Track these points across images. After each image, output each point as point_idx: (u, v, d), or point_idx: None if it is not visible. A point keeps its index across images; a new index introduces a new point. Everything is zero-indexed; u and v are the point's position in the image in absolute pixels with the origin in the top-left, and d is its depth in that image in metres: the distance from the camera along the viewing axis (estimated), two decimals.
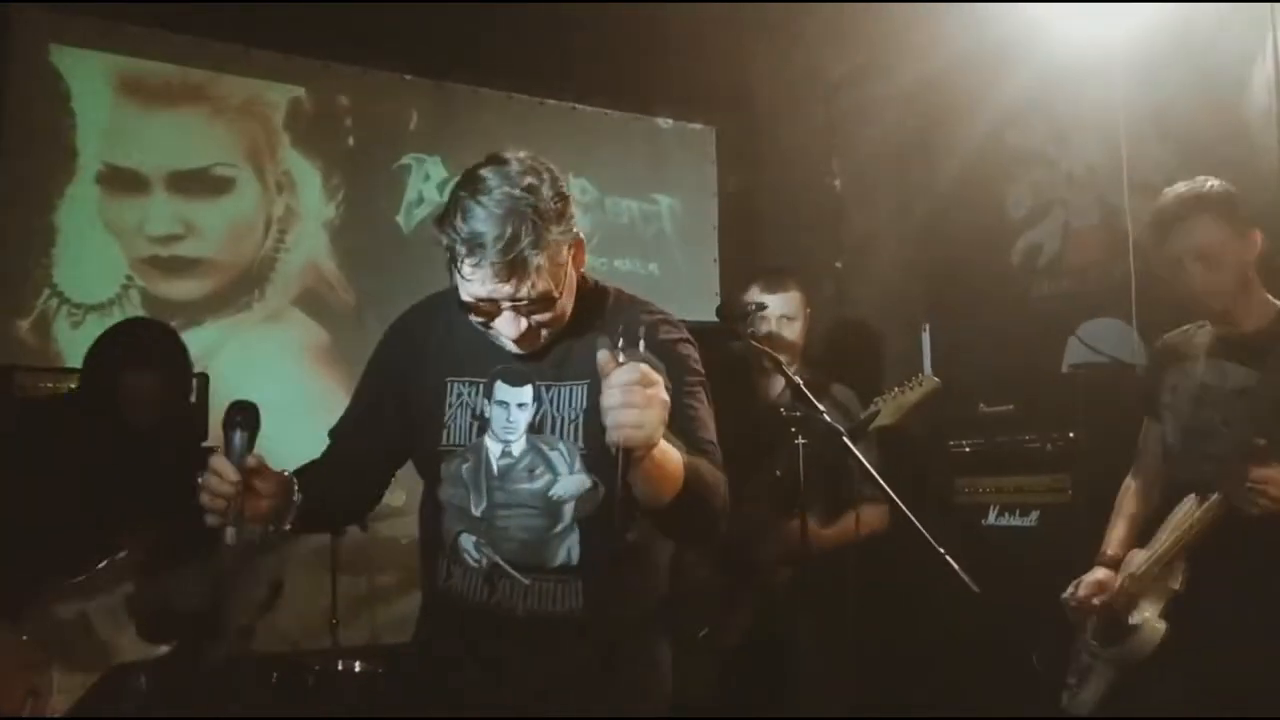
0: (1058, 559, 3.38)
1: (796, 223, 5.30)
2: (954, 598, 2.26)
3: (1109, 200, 4.01)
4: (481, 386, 1.98)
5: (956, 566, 2.20)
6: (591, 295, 2.00)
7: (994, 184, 4.45)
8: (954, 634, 3.53)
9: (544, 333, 1.89)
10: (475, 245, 1.77)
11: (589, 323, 1.95)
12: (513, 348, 1.90)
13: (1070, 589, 2.74)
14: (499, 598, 1.96)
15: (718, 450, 1.92)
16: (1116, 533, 2.76)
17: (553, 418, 1.93)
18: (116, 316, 4.36)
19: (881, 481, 2.34)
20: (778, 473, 3.02)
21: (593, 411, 1.84)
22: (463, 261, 1.81)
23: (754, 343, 2.98)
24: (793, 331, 3.21)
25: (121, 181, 4.47)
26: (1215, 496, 2.39)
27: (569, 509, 1.93)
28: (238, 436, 1.85)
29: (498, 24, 4.59)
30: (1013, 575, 3.34)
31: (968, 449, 3.77)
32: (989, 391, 3.77)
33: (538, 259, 1.77)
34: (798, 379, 2.66)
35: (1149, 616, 2.46)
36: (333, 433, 2.14)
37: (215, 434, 4.03)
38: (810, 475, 2.77)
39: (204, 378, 4.05)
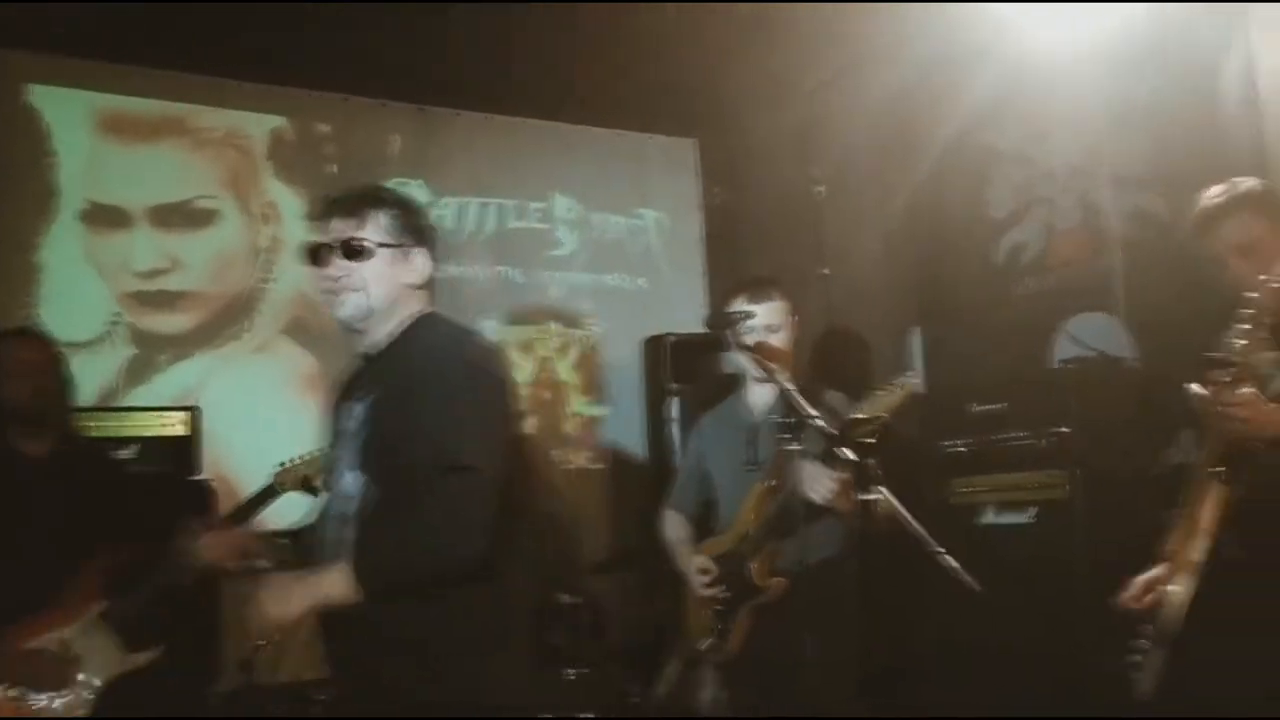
0: (1057, 554, 3.39)
1: (781, 231, 5.31)
2: (955, 597, 2.26)
3: (1090, 197, 4.03)
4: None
5: (955, 565, 2.19)
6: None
7: (975, 185, 4.47)
8: (956, 634, 3.53)
9: None
10: None
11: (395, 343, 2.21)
12: None
13: (1127, 588, 2.71)
14: None
15: (456, 469, 2.00)
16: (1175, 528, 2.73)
17: (352, 423, 2.18)
18: (104, 354, 4.36)
19: (884, 489, 2.33)
20: (771, 483, 3.02)
21: (370, 416, 2.13)
22: None
23: (745, 351, 2.98)
24: (779, 340, 3.19)
25: (105, 217, 4.48)
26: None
27: (351, 505, 2.12)
28: None
29: (476, 46, 4.59)
30: (1012, 572, 3.36)
31: (962, 449, 3.78)
32: (980, 391, 3.78)
33: None
34: (789, 385, 2.66)
35: (1174, 589, 2.46)
36: None
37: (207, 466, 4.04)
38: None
39: (196, 410, 4.05)
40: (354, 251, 2.17)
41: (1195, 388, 2.31)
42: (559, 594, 3.86)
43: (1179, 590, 2.42)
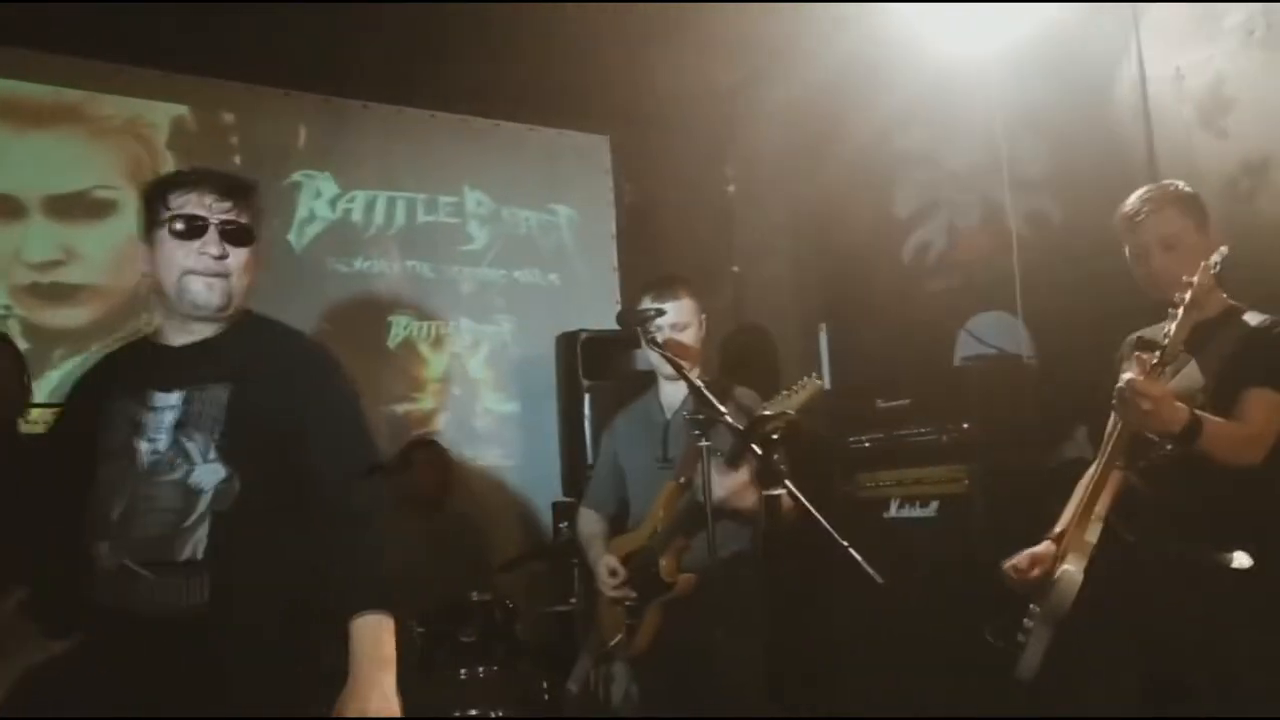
0: (958, 545, 3.49)
1: (693, 229, 5.35)
2: (861, 590, 2.30)
3: (990, 197, 4.14)
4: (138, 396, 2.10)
5: (860, 559, 2.24)
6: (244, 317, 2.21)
7: (882, 185, 4.57)
8: (863, 625, 3.60)
9: None
10: None
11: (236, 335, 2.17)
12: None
13: (1012, 559, 2.78)
14: (128, 599, 2.00)
15: (375, 467, 2.14)
16: (1065, 512, 2.82)
17: (194, 415, 2.06)
18: None
19: (790, 484, 2.37)
20: (681, 479, 3.05)
21: (234, 407, 2.05)
22: None
23: (655, 348, 3.00)
24: (687, 338, 3.22)
25: None
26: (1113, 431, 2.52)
27: (204, 500, 2.01)
28: None
29: (385, 37, 4.53)
30: (916, 564, 3.44)
31: (867, 444, 3.85)
32: (886, 387, 3.86)
33: None
34: (699, 382, 2.69)
35: (1068, 568, 2.54)
36: None
37: None
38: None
39: None
40: (240, 237, 2.12)
41: (1125, 375, 2.39)
42: (470, 591, 3.84)
43: (1072, 570, 2.51)
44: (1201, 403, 2.41)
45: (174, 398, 2.08)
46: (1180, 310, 2.36)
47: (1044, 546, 2.68)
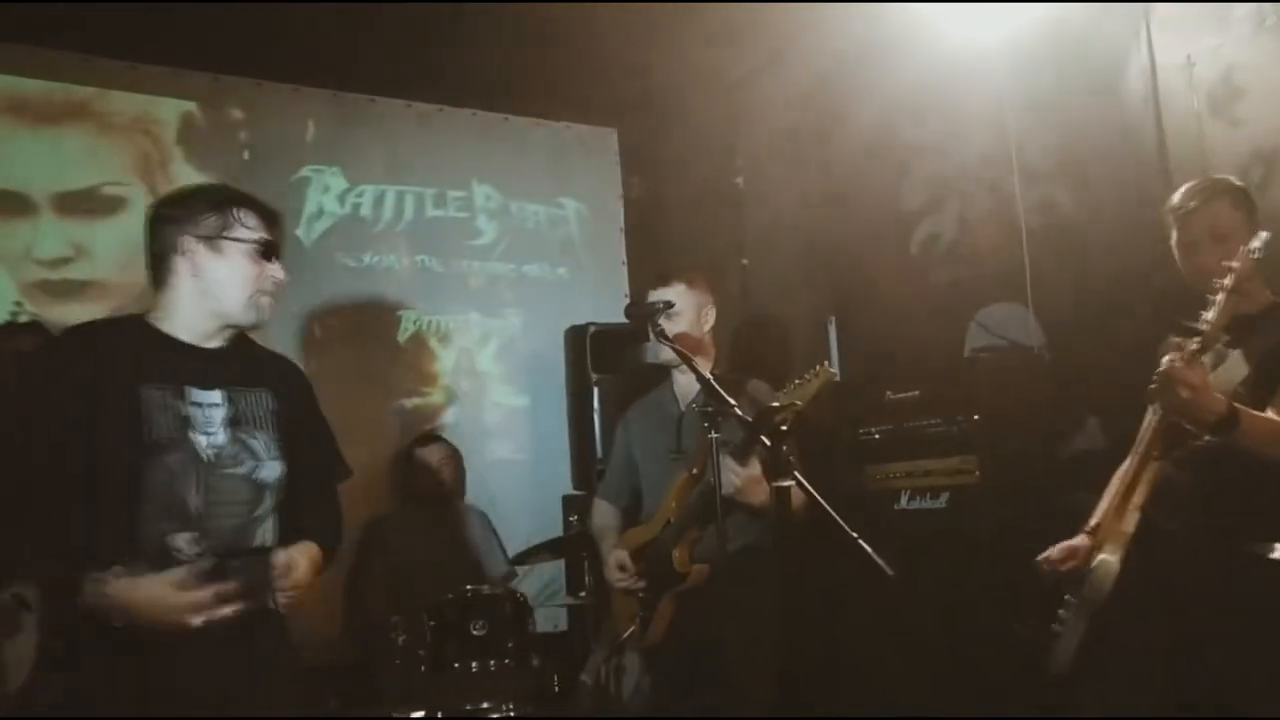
0: (967, 537, 3.48)
1: (701, 221, 5.35)
2: (872, 582, 2.30)
3: (1000, 188, 4.12)
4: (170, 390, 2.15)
5: (870, 550, 2.23)
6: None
7: (891, 176, 4.55)
8: (873, 617, 3.60)
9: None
10: None
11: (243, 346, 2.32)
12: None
13: (1046, 552, 2.77)
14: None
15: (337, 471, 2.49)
16: (1101, 505, 2.81)
17: (246, 415, 2.22)
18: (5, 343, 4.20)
19: (799, 476, 2.36)
20: (694, 471, 3.05)
21: (280, 411, 2.27)
22: None
23: (665, 341, 2.99)
24: (680, 325, 3.20)
25: (5, 204, 4.32)
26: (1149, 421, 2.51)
27: (270, 494, 2.21)
28: None
29: (392, 32, 4.53)
30: (926, 556, 3.43)
31: (877, 436, 3.84)
32: (895, 379, 3.85)
33: None
34: (707, 374, 2.69)
35: (1105, 558, 2.53)
36: None
37: None
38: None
39: None
40: (279, 259, 2.30)
41: (1165, 359, 2.37)
42: (480, 585, 3.86)
43: (1110, 559, 2.49)
44: (1242, 396, 2.39)
45: (215, 395, 2.19)
46: (1221, 295, 2.34)
47: (1079, 539, 2.67)
